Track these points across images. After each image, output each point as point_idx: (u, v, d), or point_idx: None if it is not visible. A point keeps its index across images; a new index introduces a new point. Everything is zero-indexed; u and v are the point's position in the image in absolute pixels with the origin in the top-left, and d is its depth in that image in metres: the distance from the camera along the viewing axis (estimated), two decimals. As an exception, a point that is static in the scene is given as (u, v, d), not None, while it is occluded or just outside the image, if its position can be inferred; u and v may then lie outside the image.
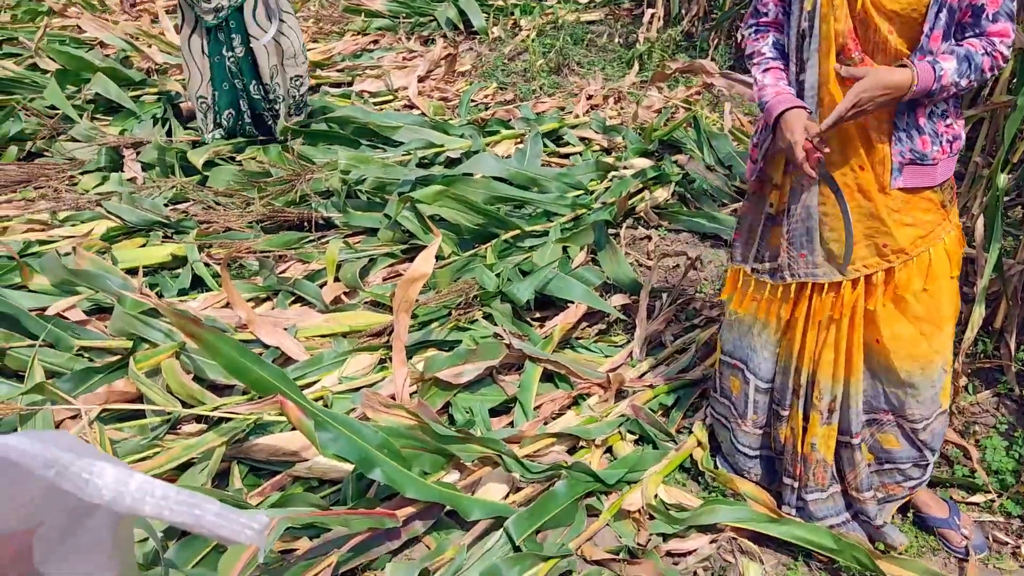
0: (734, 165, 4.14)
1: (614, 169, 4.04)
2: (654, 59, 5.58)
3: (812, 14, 1.79)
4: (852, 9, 1.75)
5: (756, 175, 2.03)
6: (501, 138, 4.32)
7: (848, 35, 1.77)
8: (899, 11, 1.72)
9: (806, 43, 1.83)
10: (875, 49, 1.78)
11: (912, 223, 1.89)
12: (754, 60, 1.95)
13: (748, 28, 2.02)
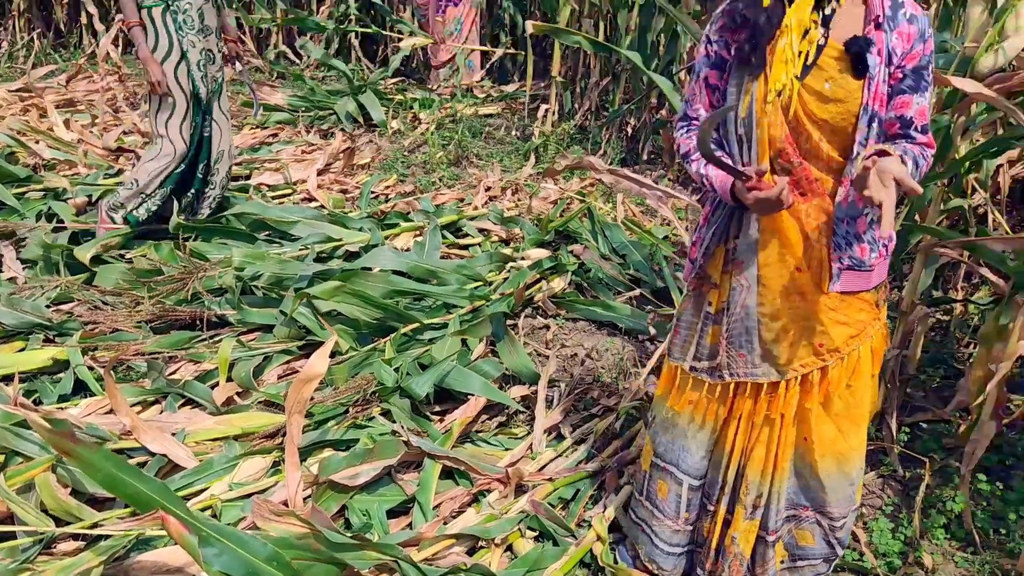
0: (628, 254, 4.26)
1: (512, 260, 4.10)
2: (549, 152, 5.76)
3: (748, 120, 1.83)
4: (785, 116, 1.79)
5: (695, 273, 2.04)
6: (400, 231, 4.35)
7: (785, 140, 1.81)
8: (829, 120, 1.78)
9: (744, 148, 1.86)
10: (808, 154, 1.83)
11: (847, 322, 1.94)
12: (692, 157, 1.95)
13: (679, 130, 2.02)
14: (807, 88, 1.77)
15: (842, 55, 1.76)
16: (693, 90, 1.97)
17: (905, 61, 1.77)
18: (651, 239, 4.40)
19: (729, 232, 1.97)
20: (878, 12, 1.75)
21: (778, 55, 1.76)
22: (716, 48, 1.89)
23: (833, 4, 1.77)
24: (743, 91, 1.82)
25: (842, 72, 1.76)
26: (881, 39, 1.75)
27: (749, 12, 1.79)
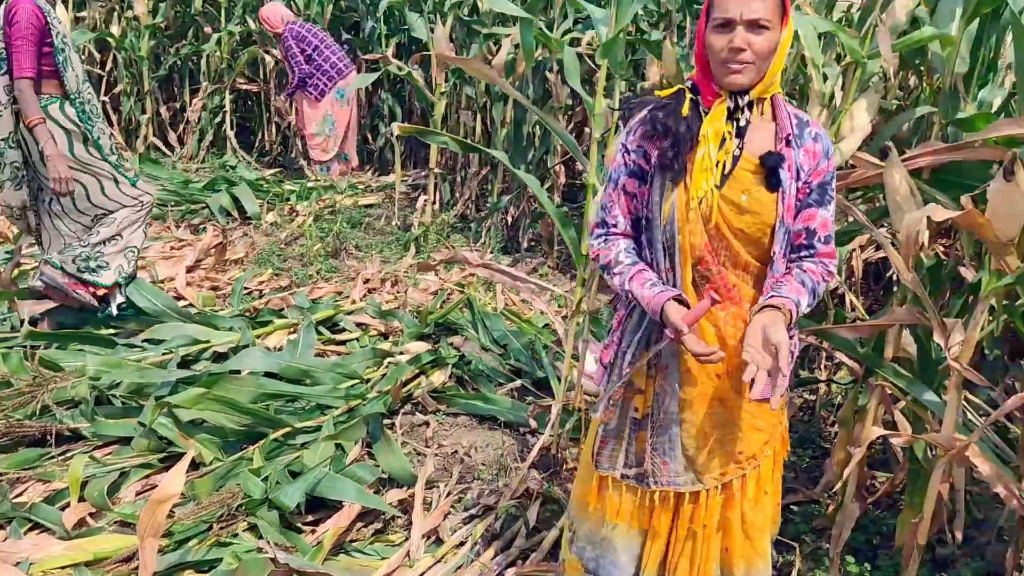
0: (508, 344, 4.26)
1: (390, 355, 4.03)
2: (430, 242, 5.77)
3: (670, 228, 1.86)
4: (706, 225, 1.84)
5: (623, 382, 2.02)
6: (273, 329, 4.22)
7: (704, 248, 1.86)
8: (745, 230, 1.85)
9: (667, 255, 1.89)
10: (726, 261, 1.88)
11: (762, 428, 1.97)
12: (614, 269, 1.95)
13: (597, 238, 2.01)
14: (725, 199, 1.83)
15: (757, 169, 1.84)
16: (611, 197, 1.98)
17: (812, 177, 1.87)
18: (531, 328, 4.43)
19: (652, 337, 1.98)
20: (788, 130, 1.85)
21: (697, 164, 1.82)
22: (634, 157, 1.93)
23: (746, 116, 1.85)
24: (664, 199, 1.87)
25: (757, 185, 1.84)
26: (791, 155, 1.85)
27: (669, 121, 1.85)
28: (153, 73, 7.61)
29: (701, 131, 1.83)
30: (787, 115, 1.88)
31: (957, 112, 2.49)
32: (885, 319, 2.43)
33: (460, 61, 3.32)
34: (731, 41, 1.74)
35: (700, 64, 1.87)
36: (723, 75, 1.80)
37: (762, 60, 1.78)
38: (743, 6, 1.73)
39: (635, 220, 1.98)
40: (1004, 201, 2.01)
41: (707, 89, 1.87)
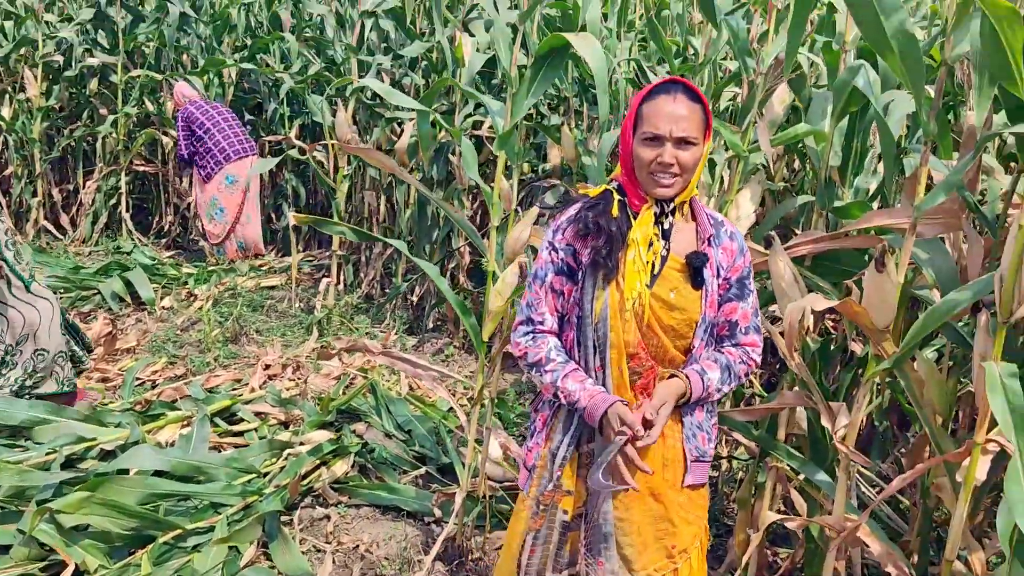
0: (413, 429, 4.19)
1: (290, 446, 3.90)
2: (333, 324, 5.69)
3: (602, 326, 1.91)
4: (639, 323, 1.90)
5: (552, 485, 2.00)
6: (165, 423, 4.05)
7: (638, 345, 1.91)
8: (675, 326, 1.93)
9: (598, 353, 1.93)
10: (656, 355, 1.94)
11: (692, 520, 2.01)
12: (546, 368, 1.95)
13: (524, 336, 2.00)
14: (655, 296, 1.91)
15: (683, 267, 1.93)
16: (538, 295, 2.00)
17: (730, 273, 1.99)
18: (436, 413, 4.38)
19: (583, 436, 1.99)
20: (709, 231, 1.96)
21: (629, 266, 1.89)
22: (563, 256, 1.97)
23: (670, 219, 1.94)
24: (596, 297, 1.92)
25: (684, 283, 1.93)
26: (711, 254, 1.95)
27: (601, 220, 1.92)
28: (45, 155, 7.37)
29: (630, 235, 1.90)
30: (706, 216, 1.98)
31: (833, 201, 2.62)
32: (775, 403, 2.49)
33: (358, 150, 3.33)
34: (660, 156, 1.85)
35: (626, 170, 1.95)
36: (651, 186, 1.89)
37: (688, 173, 1.87)
38: (672, 124, 1.83)
39: (559, 317, 2.01)
40: (877, 291, 2.11)
41: (633, 194, 1.95)
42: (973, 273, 2.26)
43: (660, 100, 1.87)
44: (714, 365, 1.97)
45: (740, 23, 2.61)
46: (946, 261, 2.38)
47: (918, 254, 2.39)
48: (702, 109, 1.89)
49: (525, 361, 2.00)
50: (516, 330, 2.04)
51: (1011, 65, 1.77)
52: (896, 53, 2.00)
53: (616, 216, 1.92)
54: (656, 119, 1.85)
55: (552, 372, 1.94)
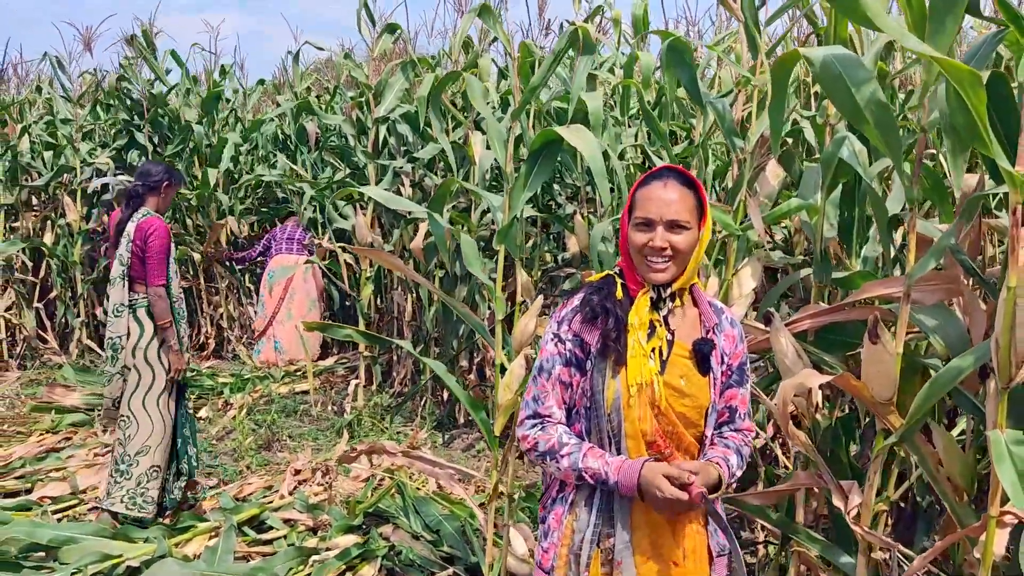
0: (441, 529, 4.13)
1: (316, 552, 3.87)
2: (364, 426, 5.69)
3: (615, 415, 1.87)
4: (655, 410, 1.87)
5: None
6: (193, 535, 4.05)
7: (656, 433, 1.88)
8: (686, 413, 1.90)
9: (613, 443, 1.89)
10: (672, 443, 1.90)
11: None
12: (561, 452, 1.89)
13: (532, 428, 1.96)
14: (667, 384, 1.88)
15: (690, 354, 1.91)
16: (544, 388, 1.95)
17: (732, 360, 1.97)
18: (463, 510, 4.31)
19: (602, 532, 1.92)
20: (713, 319, 1.96)
21: (631, 351, 1.87)
22: (570, 346, 1.94)
23: (669, 306, 1.92)
24: (607, 385, 1.89)
25: (692, 370, 1.91)
26: (716, 341, 1.94)
27: (607, 303, 1.92)
28: (86, 276, 7.64)
29: (628, 319, 1.89)
30: (707, 304, 1.98)
31: (830, 275, 2.59)
32: (787, 485, 2.41)
33: (370, 252, 3.41)
34: (651, 240, 1.86)
35: (624, 256, 1.97)
36: (645, 270, 1.90)
37: (682, 257, 1.88)
38: (663, 208, 1.85)
39: (567, 410, 1.97)
40: (874, 362, 2.06)
41: (631, 279, 1.96)
42: (977, 338, 2.19)
43: (652, 186, 1.89)
44: (730, 451, 1.94)
45: (725, 105, 2.64)
46: (955, 328, 2.31)
47: (924, 322, 2.34)
48: (695, 195, 1.90)
49: (536, 452, 1.93)
50: (522, 424, 1.99)
51: (979, 127, 1.76)
52: (871, 123, 2.00)
53: (621, 299, 1.93)
54: (647, 204, 1.87)
55: (570, 455, 1.88)
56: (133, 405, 4.14)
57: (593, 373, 1.91)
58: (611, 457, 1.86)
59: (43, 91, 8.66)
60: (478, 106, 2.84)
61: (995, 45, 2.03)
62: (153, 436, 4.15)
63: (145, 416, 4.15)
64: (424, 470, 3.37)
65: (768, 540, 3.83)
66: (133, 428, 4.14)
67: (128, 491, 4.12)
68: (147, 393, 4.15)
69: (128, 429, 4.15)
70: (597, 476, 1.84)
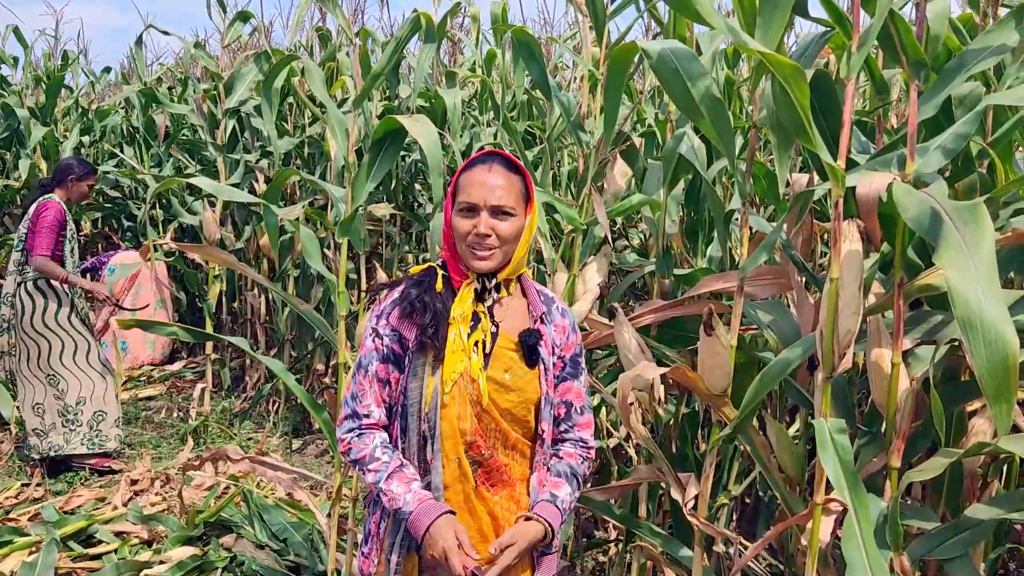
0: (288, 537, 3.95)
1: (148, 566, 3.62)
2: (211, 433, 5.42)
3: (432, 415, 1.76)
4: (474, 407, 1.78)
5: None
6: (10, 550, 3.71)
7: (475, 432, 1.78)
8: (511, 409, 1.81)
9: (429, 445, 1.78)
10: (496, 443, 1.82)
11: None
12: (369, 467, 1.78)
13: (349, 431, 1.84)
14: (489, 378, 1.79)
15: (516, 346, 1.83)
16: (362, 386, 1.84)
17: (564, 351, 1.90)
18: (312, 518, 4.14)
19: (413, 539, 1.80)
20: (541, 309, 1.88)
21: (450, 346, 1.78)
22: (387, 342, 1.84)
23: (494, 296, 1.84)
24: (425, 383, 1.79)
25: (519, 362, 1.83)
26: (545, 331, 1.86)
27: (426, 297, 1.81)
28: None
29: (451, 312, 1.81)
30: (536, 293, 1.91)
31: (671, 270, 2.62)
32: (630, 479, 2.42)
33: (195, 248, 3.22)
34: (476, 226, 1.77)
35: (448, 244, 1.87)
36: (469, 258, 1.81)
37: (507, 245, 1.80)
38: (487, 193, 1.77)
39: (387, 408, 1.87)
40: (710, 355, 2.08)
41: (455, 269, 1.86)
42: (806, 331, 2.25)
43: (476, 170, 1.82)
44: (561, 482, 1.86)
45: (570, 99, 2.63)
46: (787, 322, 2.37)
47: (760, 316, 2.39)
48: (522, 180, 1.84)
49: (349, 458, 1.84)
50: (341, 425, 1.88)
51: (803, 122, 1.80)
52: (707, 118, 2.02)
53: (441, 292, 1.84)
54: (471, 188, 1.79)
55: (376, 472, 1.78)
56: (55, 367, 4.68)
57: (410, 369, 1.82)
58: (416, 488, 1.77)
59: None
60: (317, 93, 2.72)
61: (821, 45, 2.09)
62: (83, 389, 4.75)
63: (71, 375, 4.71)
64: (270, 476, 3.21)
65: (619, 538, 3.86)
66: (64, 384, 4.71)
67: (84, 435, 4.77)
68: (74, 355, 4.71)
69: (59, 385, 4.71)
70: (395, 501, 1.75)
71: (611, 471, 3.66)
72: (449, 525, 1.72)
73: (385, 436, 1.85)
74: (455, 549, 1.68)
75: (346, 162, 2.79)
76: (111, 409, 4.86)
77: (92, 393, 4.77)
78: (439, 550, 1.69)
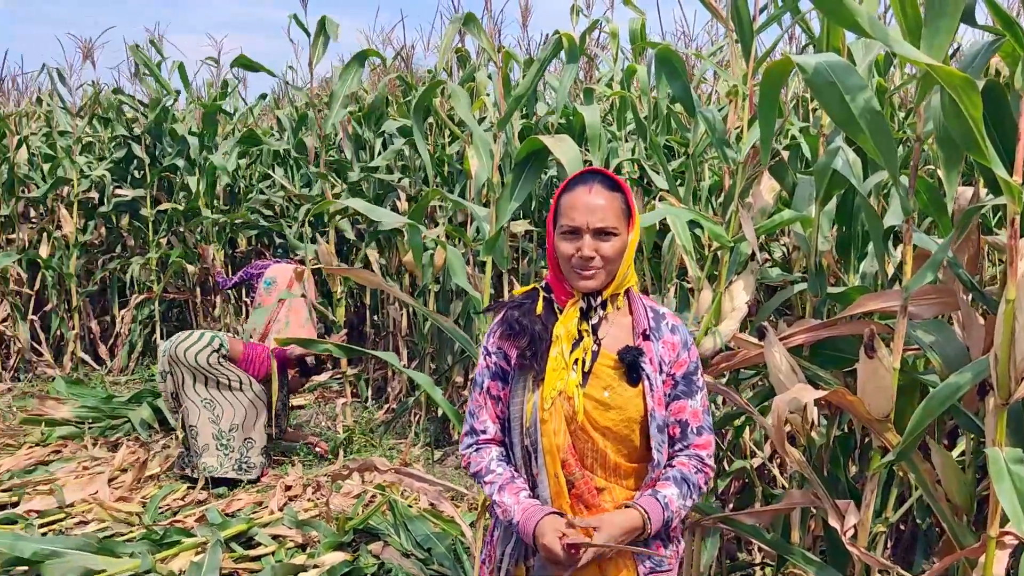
0: (433, 548, 4.05)
1: (304, 569, 3.80)
2: (356, 442, 5.62)
3: (533, 430, 1.80)
4: (570, 425, 1.79)
5: None
6: (178, 550, 3.97)
7: (568, 450, 1.80)
8: (612, 427, 1.80)
9: (533, 460, 1.82)
10: (593, 464, 1.82)
11: None
12: (485, 479, 1.86)
13: (468, 448, 1.93)
14: (588, 396, 1.80)
15: (617, 364, 1.82)
16: (478, 402, 1.93)
17: (674, 369, 1.86)
18: (455, 529, 4.23)
19: (527, 549, 1.85)
20: (645, 324, 1.86)
21: (551, 363, 1.80)
22: (495, 359, 1.90)
23: (600, 314, 1.85)
24: (525, 399, 1.83)
25: (619, 380, 1.81)
26: (650, 348, 1.84)
27: (525, 320, 1.85)
28: (82, 289, 7.60)
29: (554, 331, 1.82)
30: (643, 308, 1.89)
31: (824, 289, 2.53)
32: (782, 504, 2.35)
33: (342, 271, 3.35)
34: (579, 249, 1.78)
35: (552, 265, 1.89)
36: (574, 279, 1.82)
37: (611, 264, 1.80)
38: (589, 215, 1.77)
39: (503, 424, 1.92)
40: (870, 378, 2.00)
41: (560, 289, 1.88)
42: (976, 354, 2.13)
43: (577, 192, 1.81)
44: (668, 483, 1.83)
45: (715, 114, 2.59)
46: (953, 344, 2.26)
47: (922, 337, 2.28)
48: (622, 198, 1.83)
49: (469, 471, 1.92)
50: (462, 441, 1.97)
51: (975, 135, 1.71)
52: (866, 133, 1.95)
53: (540, 314, 1.86)
54: (572, 212, 1.79)
55: (491, 484, 1.84)
56: (213, 393, 4.98)
57: (513, 386, 1.86)
58: (524, 498, 1.80)
59: (43, 103, 8.64)
60: (463, 115, 2.80)
61: (991, 54, 1.98)
62: (236, 416, 5.00)
63: (227, 402, 5.00)
64: (415, 487, 3.31)
65: (765, 562, 3.75)
66: (219, 410, 4.99)
67: (235, 460, 5.02)
68: (229, 385, 5.00)
69: (215, 410, 4.99)
70: (507, 513, 1.79)
71: (755, 492, 3.57)
72: (552, 523, 1.73)
73: (501, 450, 1.91)
74: (557, 542, 1.69)
75: (490, 182, 2.85)
76: (259, 439, 5.12)
77: (244, 421, 5.03)
78: (544, 551, 1.72)
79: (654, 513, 1.76)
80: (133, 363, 7.70)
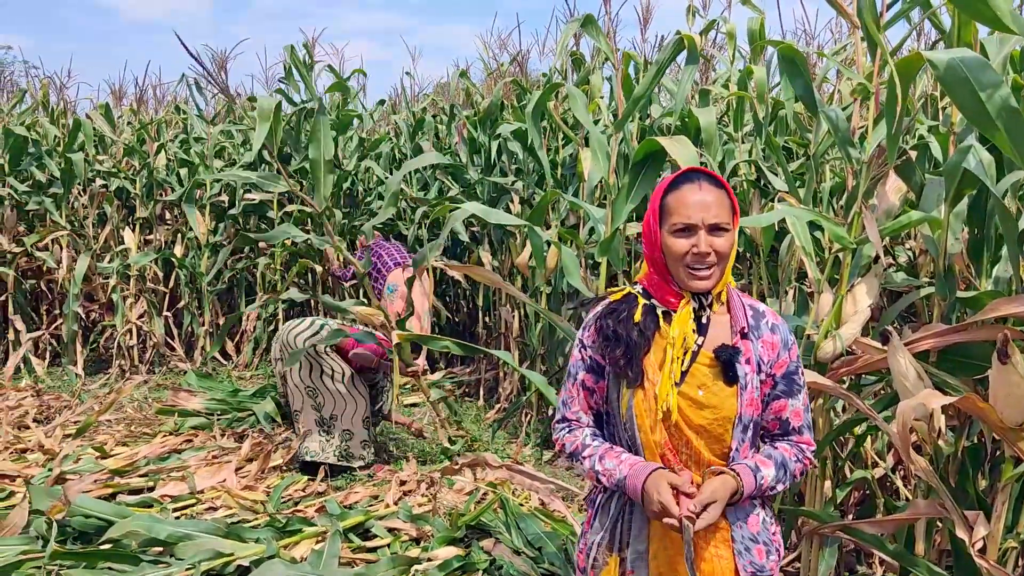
0: (543, 546, 4.09)
1: (417, 562, 3.90)
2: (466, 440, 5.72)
3: (630, 425, 1.85)
4: (666, 422, 1.81)
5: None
6: (300, 538, 4.15)
7: (665, 446, 1.83)
8: (706, 426, 1.82)
9: (633, 451, 1.87)
10: (689, 460, 1.84)
11: None
12: (584, 454, 1.90)
13: (560, 431, 1.98)
14: (682, 395, 1.81)
15: (713, 362, 1.83)
16: (571, 393, 1.96)
17: (774, 369, 1.86)
18: (566, 528, 4.26)
19: (619, 541, 1.89)
20: (743, 323, 1.85)
21: (665, 371, 1.80)
22: (591, 353, 1.93)
23: (708, 313, 1.86)
24: (620, 397, 1.86)
25: (715, 379, 1.82)
26: (748, 348, 1.84)
27: (620, 328, 1.86)
28: (212, 287, 8.01)
29: (669, 334, 1.83)
30: (742, 307, 1.89)
31: (954, 293, 2.44)
32: (906, 514, 2.27)
33: (460, 268, 3.43)
34: (695, 246, 1.78)
35: (657, 268, 1.88)
36: (688, 279, 1.81)
37: (724, 261, 1.81)
38: (703, 211, 1.78)
39: (596, 415, 1.96)
40: (1003, 385, 1.92)
41: (667, 291, 1.87)
42: (1124, 362, 2.01)
43: (685, 189, 1.81)
44: (768, 461, 1.84)
45: (839, 113, 2.53)
46: (1096, 351, 2.14)
47: (1061, 344, 2.17)
48: (727, 195, 1.83)
49: (565, 453, 1.96)
50: (554, 427, 2.01)
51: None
52: (1002, 131, 1.88)
53: (639, 322, 1.85)
54: (686, 209, 1.79)
55: (590, 457, 1.88)
56: (316, 382, 5.18)
57: (610, 383, 1.89)
58: (629, 456, 1.83)
59: (180, 111, 9.16)
60: (580, 117, 2.83)
61: None
62: (336, 407, 5.21)
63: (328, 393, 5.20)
64: (525, 485, 3.36)
65: (886, 573, 3.62)
66: (321, 399, 5.20)
67: (336, 447, 5.22)
68: (332, 376, 5.17)
69: (317, 399, 5.20)
70: (611, 475, 1.82)
71: (876, 503, 3.45)
72: (662, 477, 1.75)
73: (594, 429, 1.95)
74: (671, 501, 1.71)
75: (607, 184, 2.87)
76: (358, 431, 5.30)
77: (343, 412, 5.24)
78: (656, 505, 1.73)
79: (747, 480, 1.79)
80: (257, 359, 8.06)
